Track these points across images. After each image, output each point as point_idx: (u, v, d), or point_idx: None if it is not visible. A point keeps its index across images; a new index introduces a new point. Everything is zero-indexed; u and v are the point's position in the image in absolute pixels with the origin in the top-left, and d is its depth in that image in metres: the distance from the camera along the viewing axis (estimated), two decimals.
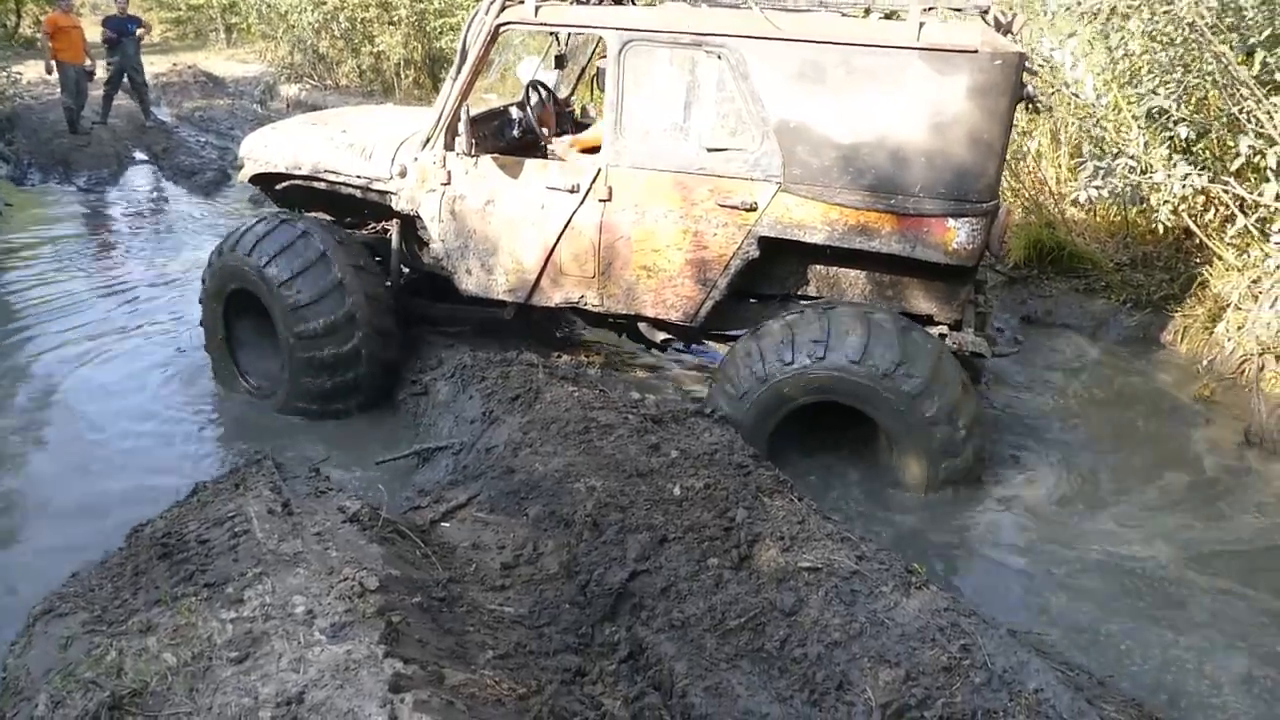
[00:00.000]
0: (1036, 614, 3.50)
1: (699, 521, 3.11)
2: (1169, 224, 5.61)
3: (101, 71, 12.95)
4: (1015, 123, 6.69)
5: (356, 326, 4.64)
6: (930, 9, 3.89)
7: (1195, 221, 6.09)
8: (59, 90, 12.31)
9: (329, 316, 4.59)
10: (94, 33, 13.32)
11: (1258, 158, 5.11)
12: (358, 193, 4.96)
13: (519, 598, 2.99)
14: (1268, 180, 5.08)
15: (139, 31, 13.06)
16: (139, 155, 12.25)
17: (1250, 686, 3.12)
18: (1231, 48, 4.99)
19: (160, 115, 14.53)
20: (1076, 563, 3.83)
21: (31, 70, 14.03)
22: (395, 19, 15.18)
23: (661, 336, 4.98)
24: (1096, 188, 5.25)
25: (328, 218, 5.24)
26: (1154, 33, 5.26)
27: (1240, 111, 5.13)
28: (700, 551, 3.00)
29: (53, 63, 11.92)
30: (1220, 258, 6.05)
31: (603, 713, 2.47)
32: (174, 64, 19.06)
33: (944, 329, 4.38)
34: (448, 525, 3.41)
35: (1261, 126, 5.01)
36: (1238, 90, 5.08)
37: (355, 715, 2.12)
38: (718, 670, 2.62)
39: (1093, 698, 2.48)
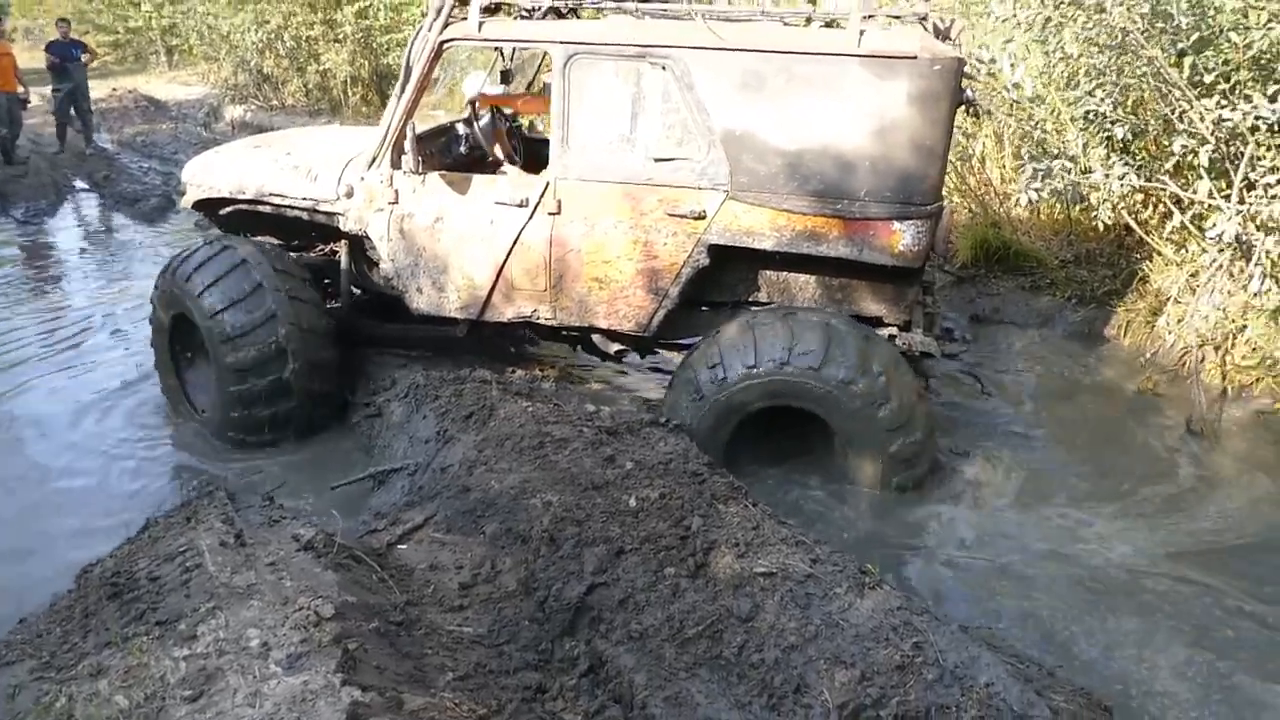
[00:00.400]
0: (988, 609, 3.57)
1: (655, 532, 3.12)
2: (1109, 222, 5.73)
3: (37, 100, 12.72)
4: (959, 125, 6.83)
5: (288, 359, 4.58)
6: (870, 17, 3.95)
7: (1134, 219, 6.23)
8: None
9: (259, 348, 4.54)
10: (29, 59, 13.07)
11: (1190, 156, 5.24)
12: (304, 215, 4.92)
13: (478, 617, 2.99)
14: (1201, 178, 5.21)
15: (84, 57, 12.86)
16: (79, 184, 12.02)
17: (1190, 671, 3.21)
18: (1163, 51, 5.12)
19: (101, 142, 14.31)
20: (1026, 556, 3.91)
21: None
22: (340, 36, 15.07)
23: (615, 347, 5.01)
24: (1036, 189, 5.35)
25: (275, 241, 5.19)
26: (1088, 39, 5.38)
27: (1173, 113, 5.27)
28: (657, 561, 3.01)
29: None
30: (1159, 253, 6.19)
31: None
32: (114, 89, 18.75)
33: (893, 330, 4.44)
34: (404, 547, 3.40)
35: (1193, 126, 5.15)
36: (1170, 92, 5.22)
37: None
38: (677, 680, 2.64)
39: (1042, 689, 2.53)
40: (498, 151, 5.30)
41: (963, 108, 4.20)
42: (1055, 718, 2.37)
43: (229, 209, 5.17)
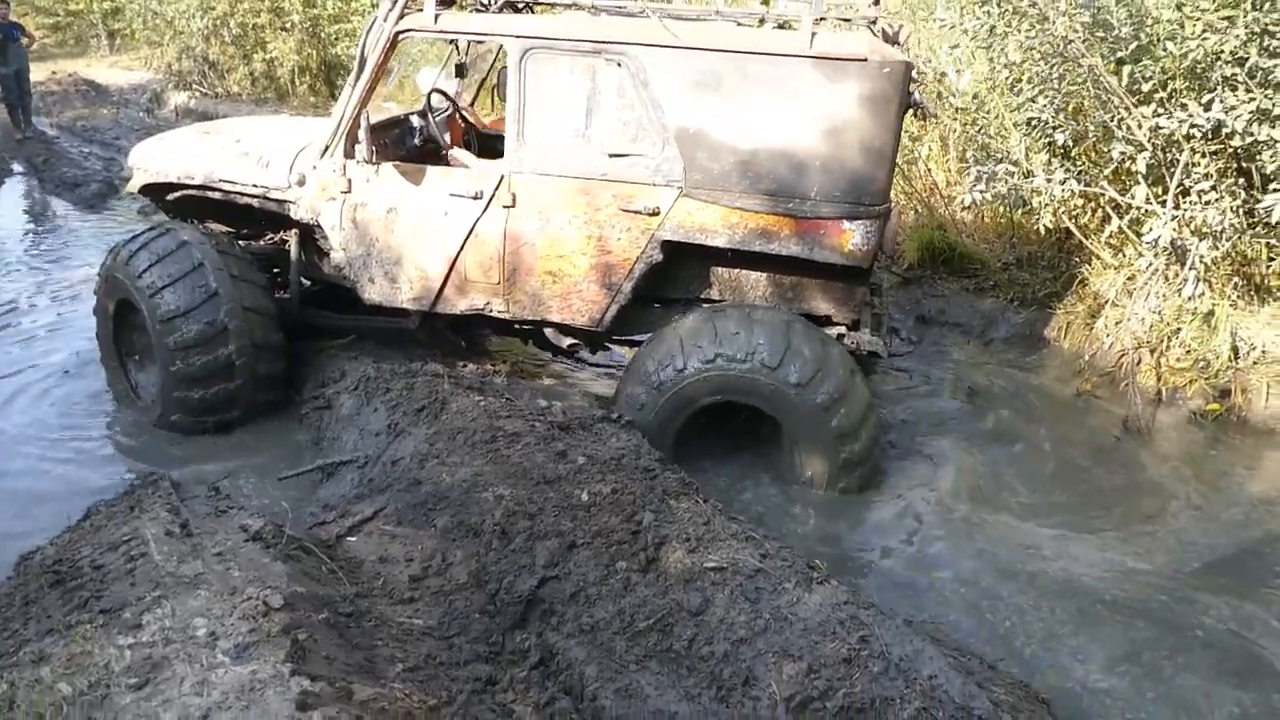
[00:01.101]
0: (931, 605, 3.65)
1: (607, 526, 3.15)
2: (1049, 226, 5.88)
3: None
4: (906, 129, 6.94)
5: (230, 338, 4.55)
6: (821, 19, 4.01)
7: (1074, 223, 6.39)
8: None
9: (200, 327, 4.50)
10: None
11: (1129, 162, 5.40)
12: (254, 202, 4.86)
13: (428, 609, 2.98)
14: (1138, 184, 5.36)
15: (23, 40, 12.50)
16: (16, 167, 11.69)
17: (1124, 666, 3.31)
18: (1103, 59, 5.26)
19: (39, 125, 13.93)
20: (966, 554, 4.00)
21: None
22: (288, 25, 14.83)
23: (568, 342, 5.01)
24: (980, 192, 5.48)
25: (222, 228, 5.13)
26: (1031, 47, 5.51)
27: (1112, 120, 5.41)
28: (608, 556, 3.04)
29: None
30: (1098, 257, 6.36)
31: (514, 719, 2.49)
32: (53, 72, 18.26)
33: (841, 329, 4.51)
34: (354, 540, 3.38)
35: (1131, 134, 5.30)
36: (1109, 100, 5.36)
37: None
38: (627, 672, 2.67)
39: (983, 681, 2.61)
40: (450, 144, 5.27)
41: (910, 111, 4.28)
42: (995, 709, 2.44)
43: (177, 194, 5.10)
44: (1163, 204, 5.31)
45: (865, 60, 3.87)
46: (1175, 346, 5.69)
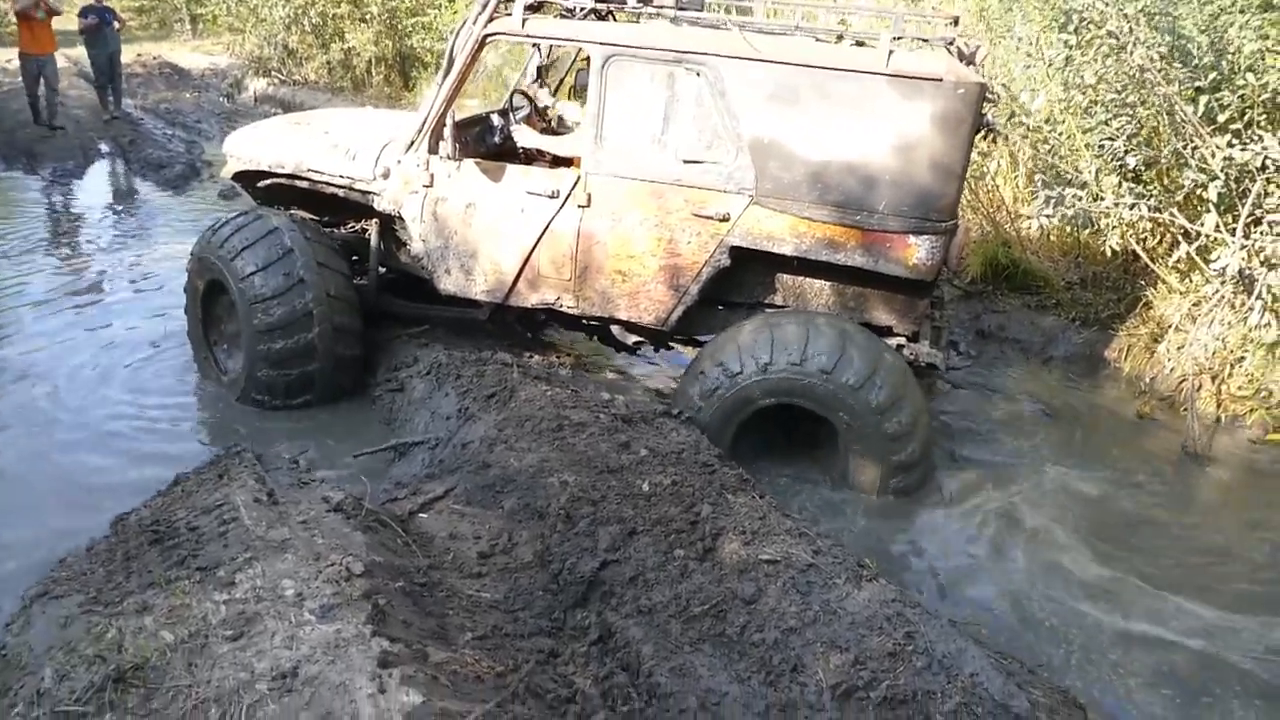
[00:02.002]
0: (977, 609, 3.73)
1: (666, 515, 3.29)
2: (1116, 248, 5.89)
3: (63, 62, 12.76)
4: (976, 146, 6.99)
5: (314, 322, 4.76)
6: (899, 38, 4.09)
7: (1142, 246, 6.38)
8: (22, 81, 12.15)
9: (286, 311, 4.71)
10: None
11: (1200, 190, 5.40)
12: (340, 192, 5.08)
13: (495, 584, 3.15)
14: (1209, 211, 5.36)
15: (116, 25, 12.95)
16: (104, 147, 12.13)
17: (1166, 684, 3.37)
18: (1180, 87, 5.27)
19: (126, 106, 14.44)
20: (1014, 563, 4.08)
21: None
22: (366, 16, 15.21)
23: (633, 339, 5.14)
24: (1047, 216, 5.52)
25: (308, 215, 5.36)
26: (1103, 75, 5.54)
27: (1185, 147, 5.42)
28: (667, 543, 3.18)
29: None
30: (1164, 281, 6.35)
31: (574, 690, 2.63)
32: (138, 55, 18.86)
33: (901, 340, 4.60)
34: (425, 516, 3.56)
35: (1204, 162, 5.30)
36: (1183, 128, 5.37)
37: (347, 688, 2.27)
38: (682, 653, 2.80)
39: (1022, 683, 2.70)
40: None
41: (982, 131, 4.34)
42: (1033, 709, 2.53)
43: (266, 182, 5.34)
44: (1232, 233, 5.31)
45: (940, 80, 3.94)
46: (1237, 375, 5.68)
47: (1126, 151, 5.72)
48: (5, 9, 18.07)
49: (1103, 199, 5.72)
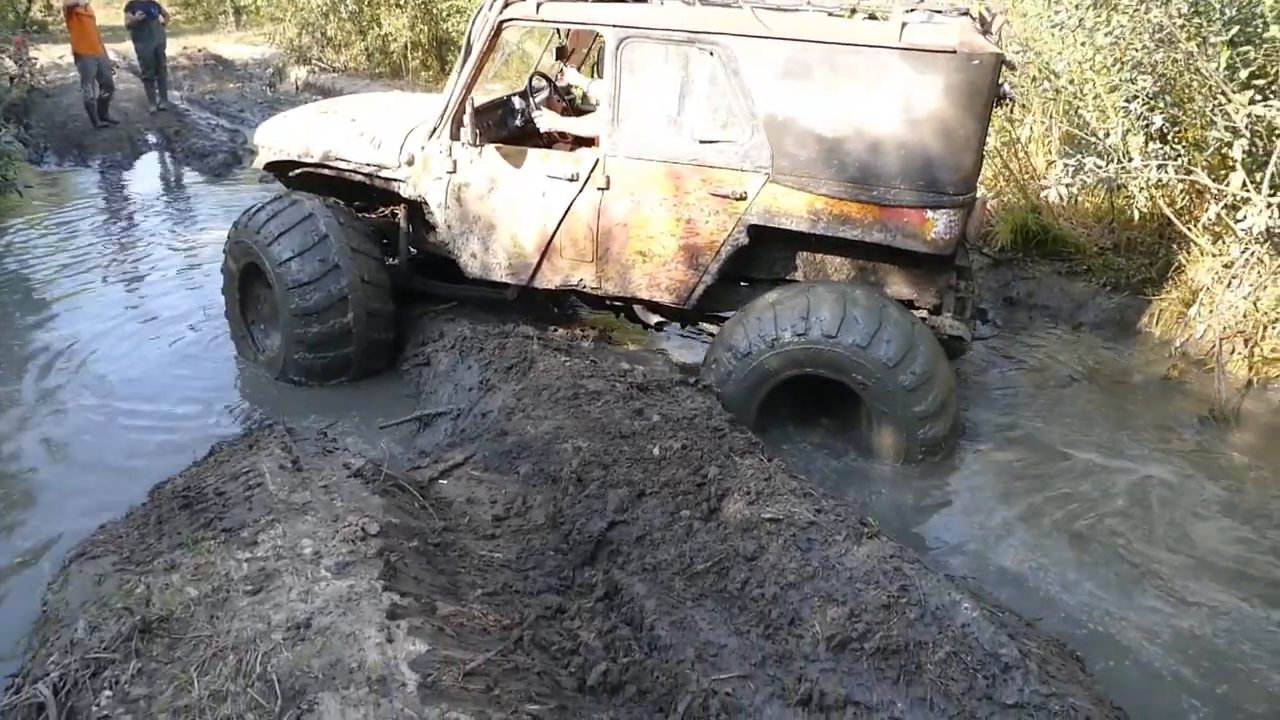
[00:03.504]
0: (983, 566, 3.79)
1: (674, 478, 3.38)
2: (1144, 211, 5.83)
3: (112, 57, 13.09)
4: (1004, 113, 6.92)
5: (349, 307, 4.90)
6: (912, 10, 4.07)
7: (1172, 209, 6.30)
8: (80, 82, 12.49)
9: (322, 295, 4.86)
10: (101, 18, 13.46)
11: (1225, 149, 5.32)
12: (366, 179, 5.21)
13: (508, 545, 3.28)
14: (1235, 170, 5.29)
15: (161, 19, 13.24)
16: (151, 139, 12.48)
17: (1176, 640, 3.39)
18: (1202, 43, 5.19)
19: (171, 98, 14.78)
20: (1029, 527, 4.10)
21: (43, 55, 14.27)
22: (401, 2, 15.37)
23: (655, 319, 5.21)
24: (1067, 185, 5.47)
25: (339, 201, 5.50)
26: (1119, 36, 5.47)
27: (1208, 105, 5.35)
28: (674, 504, 3.28)
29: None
30: (1196, 244, 6.26)
31: (578, 643, 2.75)
32: (184, 47, 19.29)
33: (924, 313, 4.61)
34: (445, 482, 3.70)
35: (1230, 119, 5.23)
36: (1207, 84, 5.30)
37: (356, 637, 2.40)
38: (683, 608, 2.90)
39: (1016, 634, 2.75)
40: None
41: (999, 101, 4.30)
42: (1023, 658, 2.58)
43: (298, 170, 5.49)
44: (1259, 191, 5.23)
45: (954, 52, 3.90)
46: (1270, 337, 5.61)
47: (1151, 110, 5.64)
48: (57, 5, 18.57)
49: (1131, 160, 5.66)
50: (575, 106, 6.08)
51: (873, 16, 4.37)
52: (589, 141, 5.19)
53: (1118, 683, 3.09)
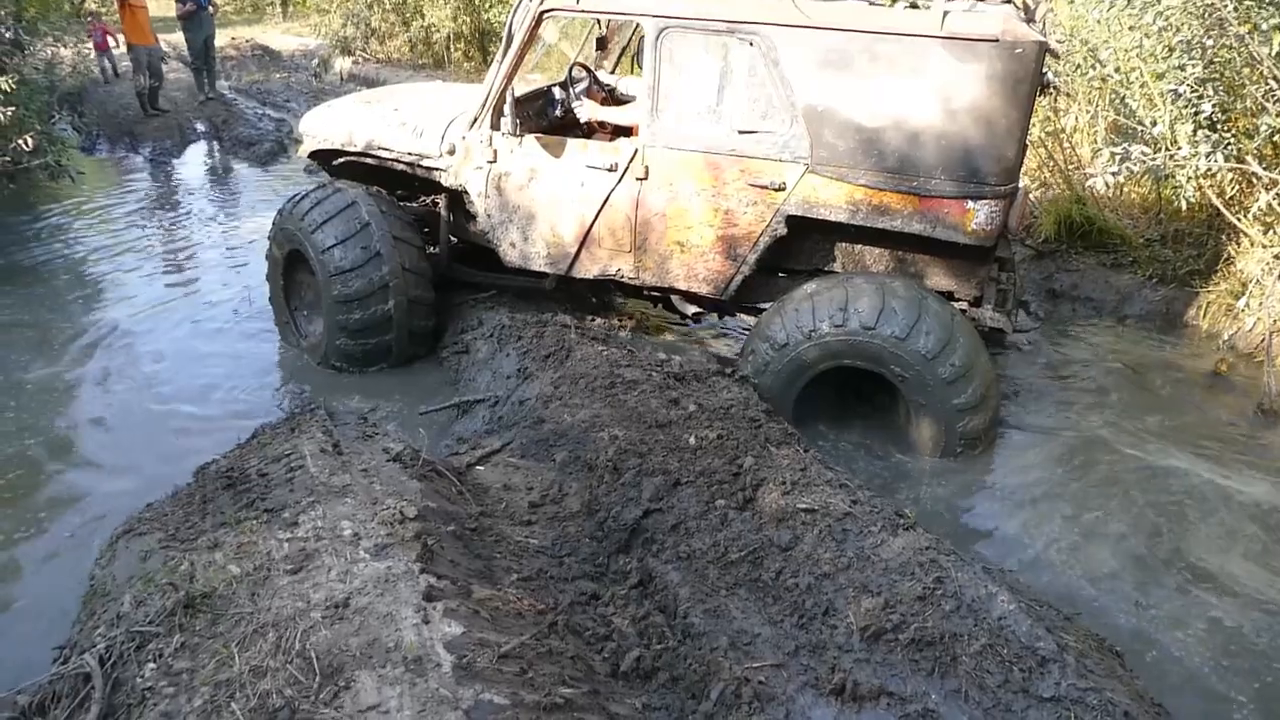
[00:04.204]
0: (1023, 559, 3.77)
1: (710, 467, 3.39)
2: (1192, 200, 5.72)
3: (166, 47, 13.32)
4: (1050, 103, 6.81)
5: (390, 294, 4.95)
6: None
7: (1221, 198, 6.17)
8: (131, 71, 12.73)
9: (364, 283, 4.91)
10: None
11: (1277, 136, 5.21)
12: (408, 169, 5.26)
13: (543, 531, 3.30)
14: None
15: (210, 9, 13.42)
16: (200, 127, 12.68)
17: (1219, 640, 3.34)
18: (1254, 28, 5.08)
19: (220, 87, 14.99)
20: (1076, 521, 4.06)
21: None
22: None
23: (693, 309, 5.20)
24: (1113, 173, 5.38)
25: (382, 190, 5.56)
26: (1169, 19, 5.36)
27: (1260, 91, 5.23)
28: (709, 494, 3.29)
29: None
30: (1246, 234, 6.14)
31: (612, 629, 2.77)
32: (233, 38, 19.56)
33: (964, 305, 4.56)
34: (482, 469, 3.73)
35: None
36: (1258, 69, 5.18)
37: (393, 617, 2.44)
38: (717, 596, 2.91)
39: (1053, 627, 2.73)
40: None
41: (1042, 90, 4.23)
42: (1060, 651, 2.56)
43: (341, 159, 5.55)
44: None
45: (997, 40, 3.85)
46: None
47: (1200, 97, 5.52)
48: None
49: (1179, 148, 5.55)
50: (615, 96, 6.08)
51: (914, 5, 4.32)
52: (628, 131, 5.19)
53: (1158, 679, 3.06)
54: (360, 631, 2.39)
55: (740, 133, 4.37)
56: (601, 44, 6.03)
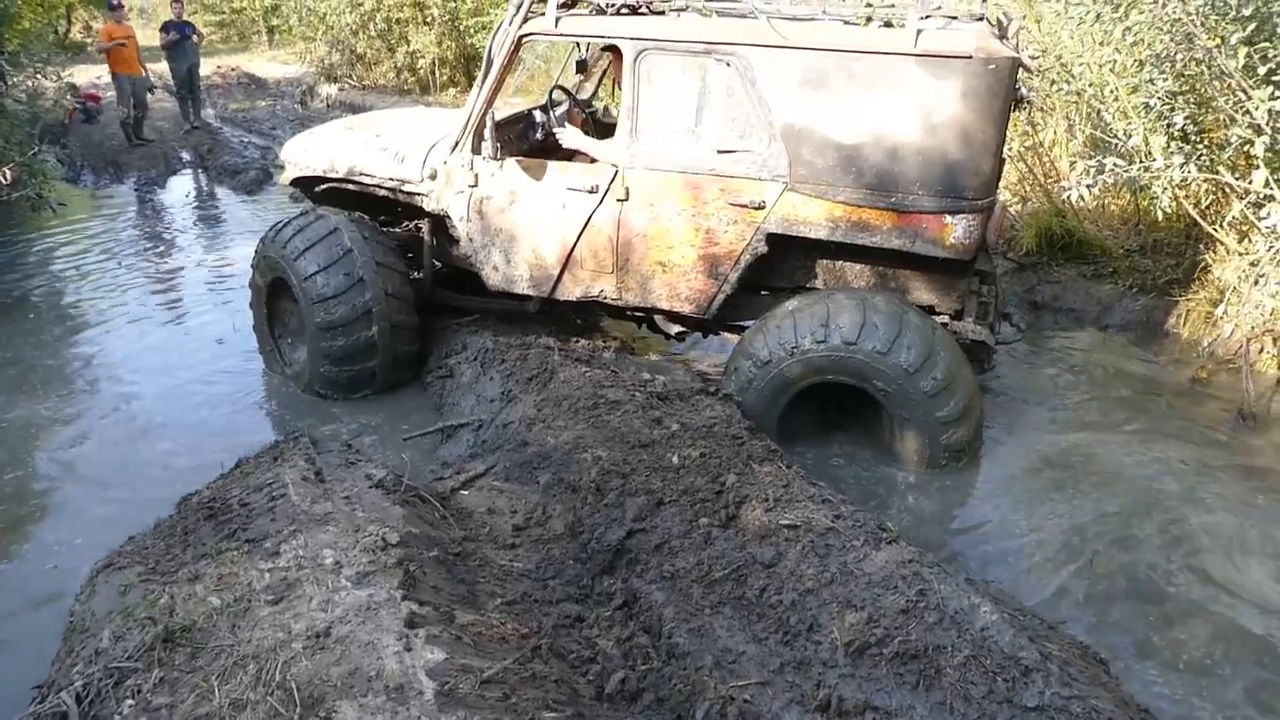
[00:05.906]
0: (1005, 570, 3.77)
1: (693, 486, 3.40)
2: (1168, 211, 5.77)
3: (154, 79, 13.36)
4: (1027, 116, 6.87)
5: (373, 320, 4.95)
6: (928, 16, 4.07)
7: (1197, 208, 6.23)
8: (115, 101, 12.75)
9: (347, 309, 4.91)
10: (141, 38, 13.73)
11: (1247, 146, 5.27)
12: (391, 194, 5.27)
13: (528, 555, 3.30)
14: (1257, 168, 5.23)
15: (195, 39, 13.48)
16: (185, 156, 12.70)
17: (1203, 647, 3.35)
18: (1221, 41, 5.15)
19: (205, 116, 15.02)
20: (1055, 530, 4.07)
21: (81, 75, 14.55)
22: (429, 19, 15.55)
23: (676, 328, 5.22)
24: (1088, 185, 5.43)
25: (364, 216, 5.57)
26: (1139, 33, 5.44)
27: (1228, 102, 5.30)
28: (692, 512, 3.29)
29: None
30: (1222, 243, 6.19)
31: (597, 651, 2.77)
32: (218, 66, 19.63)
33: (945, 318, 4.58)
34: (466, 493, 3.73)
35: (1251, 117, 5.17)
36: (1227, 81, 5.25)
37: (375, 645, 2.44)
38: (702, 615, 2.91)
39: (1037, 637, 2.73)
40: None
41: (1016, 105, 4.27)
42: (1044, 660, 2.57)
43: (324, 186, 5.56)
44: None
45: (970, 57, 3.89)
46: None
47: (1172, 109, 5.59)
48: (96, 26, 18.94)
49: (1153, 160, 5.61)
50: (596, 119, 6.12)
51: (888, 24, 4.37)
52: None
53: (1143, 686, 3.07)
54: (341, 661, 2.38)
55: (719, 152, 4.40)
56: (582, 67, 6.07)
